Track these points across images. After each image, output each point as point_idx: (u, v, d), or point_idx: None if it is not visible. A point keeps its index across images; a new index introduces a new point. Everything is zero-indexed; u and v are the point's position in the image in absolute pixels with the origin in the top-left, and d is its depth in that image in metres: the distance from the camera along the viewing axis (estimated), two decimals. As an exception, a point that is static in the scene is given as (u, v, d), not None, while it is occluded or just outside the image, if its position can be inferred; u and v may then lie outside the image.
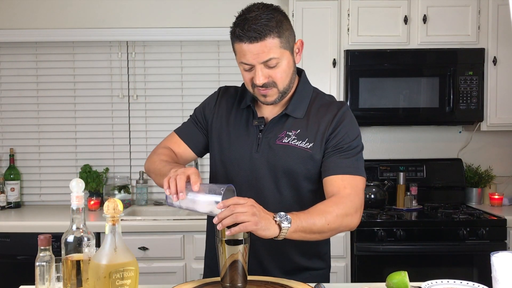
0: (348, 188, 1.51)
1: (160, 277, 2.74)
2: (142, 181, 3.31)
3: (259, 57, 1.49)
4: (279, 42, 1.50)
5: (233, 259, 1.34)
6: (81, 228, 1.31)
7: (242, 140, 1.63)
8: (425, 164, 3.34)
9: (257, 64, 1.50)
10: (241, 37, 1.48)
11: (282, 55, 1.52)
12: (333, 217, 1.43)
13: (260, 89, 1.54)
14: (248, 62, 1.51)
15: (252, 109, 1.65)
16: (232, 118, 1.67)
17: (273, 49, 1.49)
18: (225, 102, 1.72)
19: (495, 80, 3.08)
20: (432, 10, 3.06)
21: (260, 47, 1.48)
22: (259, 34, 1.47)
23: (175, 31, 3.33)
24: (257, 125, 1.63)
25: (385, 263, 2.74)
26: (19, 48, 3.37)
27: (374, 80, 3.06)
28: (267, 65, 1.50)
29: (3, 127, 3.41)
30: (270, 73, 1.52)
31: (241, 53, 1.51)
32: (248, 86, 1.58)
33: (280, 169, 1.59)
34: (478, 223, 2.79)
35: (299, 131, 1.59)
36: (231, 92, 1.75)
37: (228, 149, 1.64)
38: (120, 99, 3.40)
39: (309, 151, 1.57)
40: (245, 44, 1.48)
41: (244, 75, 1.57)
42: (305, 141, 1.58)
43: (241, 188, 1.59)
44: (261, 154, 1.60)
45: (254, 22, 1.47)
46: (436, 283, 1.43)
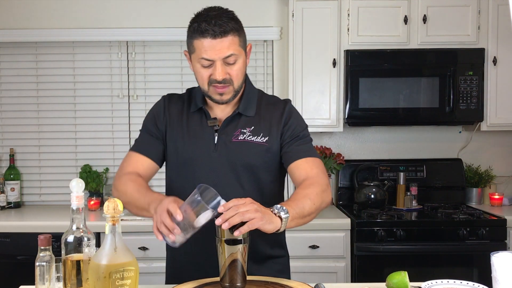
0: (314, 168, 1.63)
1: (160, 277, 2.74)
2: (142, 181, 3.31)
3: (220, 53, 1.55)
4: (238, 41, 1.59)
5: (233, 259, 1.35)
6: (81, 228, 1.31)
7: (198, 141, 1.67)
8: (425, 164, 3.34)
9: (218, 60, 1.56)
10: (205, 32, 1.54)
11: (240, 53, 1.60)
12: (314, 196, 1.52)
13: (218, 87, 1.59)
14: (210, 57, 1.56)
15: (204, 110, 1.70)
16: (185, 122, 1.71)
17: (233, 46, 1.57)
18: (173, 108, 1.76)
19: (495, 80, 3.08)
20: (432, 10, 3.06)
21: (222, 42, 1.55)
22: (223, 30, 1.54)
23: (175, 31, 3.33)
24: (212, 126, 1.68)
25: (385, 263, 2.74)
26: (19, 48, 3.37)
27: (374, 80, 3.06)
28: (226, 61, 1.57)
29: (3, 127, 3.41)
30: (228, 69, 1.59)
31: (202, 49, 1.56)
32: (204, 84, 1.62)
33: (239, 164, 1.65)
34: (478, 223, 2.79)
35: (253, 128, 1.67)
36: (176, 98, 1.80)
37: (185, 151, 1.68)
38: (120, 99, 3.40)
39: (266, 145, 1.66)
40: (208, 39, 1.54)
41: (201, 72, 1.60)
42: (260, 136, 1.66)
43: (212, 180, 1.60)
44: (219, 152, 1.65)
45: (218, 19, 1.55)
46: (436, 283, 1.43)
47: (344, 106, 3.08)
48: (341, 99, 3.09)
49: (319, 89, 3.07)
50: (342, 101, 3.09)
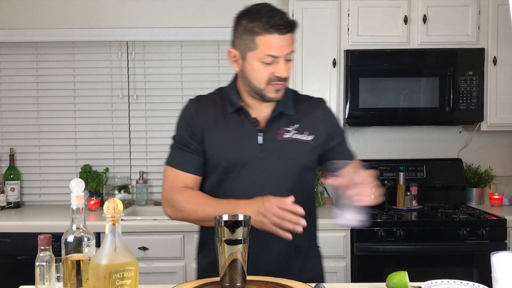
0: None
1: (160, 277, 2.74)
2: (142, 181, 3.31)
3: (285, 49, 1.54)
4: (294, 42, 1.60)
5: (233, 259, 1.34)
6: (81, 228, 1.31)
7: (242, 143, 1.63)
8: (425, 164, 3.34)
9: (282, 57, 1.54)
10: (277, 27, 1.51)
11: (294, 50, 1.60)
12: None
13: (277, 84, 1.58)
14: (276, 54, 1.53)
15: (244, 110, 1.66)
16: (222, 124, 1.65)
17: (293, 42, 1.58)
18: (206, 110, 1.67)
19: (495, 80, 3.08)
20: (432, 10, 3.06)
21: (286, 39, 1.54)
22: (290, 26, 1.53)
23: (175, 31, 3.33)
24: (255, 126, 1.64)
25: (385, 263, 2.74)
26: (19, 48, 3.37)
27: (374, 80, 3.06)
28: (287, 58, 1.56)
29: (3, 127, 3.41)
30: (286, 67, 1.58)
31: (268, 45, 1.52)
32: (261, 82, 1.58)
33: (287, 163, 1.63)
34: (478, 223, 2.79)
35: (297, 126, 1.66)
36: (206, 99, 1.72)
37: (230, 154, 1.62)
38: (120, 99, 3.40)
39: (312, 143, 1.66)
40: (276, 35, 1.52)
41: (261, 70, 1.56)
42: (305, 133, 1.65)
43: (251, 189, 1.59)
44: (265, 153, 1.62)
45: (282, 15, 1.53)
46: (436, 283, 1.43)
47: (344, 106, 3.08)
48: (341, 99, 3.09)
49: (319, 89, 3.07)
50: (342, 101, 3.09)
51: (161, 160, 3.67)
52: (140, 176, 3.33)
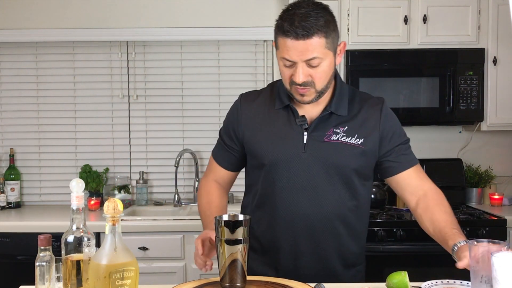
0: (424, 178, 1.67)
1: (160, 277, 2.74)
2: (142, 181, 3.31)
3: (302, 55, 1.48)
4: (325, 42, 1.49)
5: (233, 259, 1.34)
6: (81, 228, 1.31)
7: (286, 142, 1.61)
8: (425, 164, 3.33)
9: (300, 62, 1.49)
10: (287, 32, 1.46)
11: (326, 56, 1.51)
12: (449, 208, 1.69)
13: (298, 88, 1.53)
14: (291, 58, 1.49)
15: (291, 108, 1.63)
16: (269, 121, 1.64)
17: (318, 48, 1.48)
18: (252, 107, 1.68)
19: (495, 80, 3.08)
20: (432, 10, 3.06)
21: (305, 45, 1.46)
22: (307, 32, 1.45)
23: (175, 31, 3.33)
24: (301, 124, 1.61)
25: (385, 263, 2.73)
26: (19, 48, 3.37)
27: (374, 80, 3.06)
28: (309, 63, 1.49)
29: (3, 127, 3.41)
30: (311, 72, 1.51)
31: (284, 48, 1.49)
32: (285, 82, 1.57)
33: (332, 166, 1.59)
34: (478, 223, 2.79)
35: (346, 128, 1.60)
36: (254, 95, 1.72)
37: (272, 153, 1.61)
38: (120, 99, 3.40)
39: (361, 147, 1.60)
40: (290, 40, 1.47)
41: (283, 71, 1.55)
42: (355, 137, 1.59)
43: (294, 189, 1.59)
44: (309, 153, 1.59)
45: (303, 19, 1.46)
46: (436, 283, 1.43)
47: (344, 106, 3.08)
48: (341, 99, 3.09)
49: (319, 89, 3.07)
50: (342, 101, 3.09)
51: (161, 160, 3.70)
52: (140, 176, 3.32)
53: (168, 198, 3.37)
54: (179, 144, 3.39)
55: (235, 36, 3.30)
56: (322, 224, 1.61)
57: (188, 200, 3.37)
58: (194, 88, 3.39)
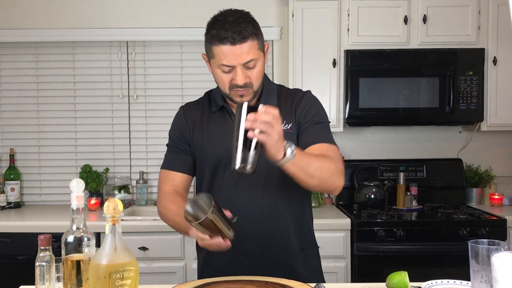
0: (329, 152, 1.62)
1: (160, 277, 2.74)
2: (142, 181, 3.31)
3: (240, 58, 1.56)
4: (257, 44, 1.59)
5: None
6: (81, 228, 1.31)
7: (226, 140, 1.65)
8: (425, 164, 3.34)
9: (238, 65, 1.56)
10: (225, 39, 1.54)
11: (259, 57, 1.61)
12: (326, 165, 1.52)
13: (238, 90, 1.60)
14: (230, 63, 1.56)
15: (226, 108, 1.72)
16: (207, 124, 1.73)
17: (252, 50, 1.57)
18: (193, 114, 1.78)
19: (495, 80, 3.08)
20: (432, 10, 3.06)
21: (241, 49, 1.55)
22: (242, 37, 1.54)
23: (175, 31, 3.33)
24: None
25: (385, 263, 2.73)
26: (19, 48, 3.37)
27: (374, 80, 3.06)
28: (246, 66, 1.58)
29: (3, 127, 3.41)
30: (248, 73, 1.59)
31: (222, 55, 1.56)
32: (225, 88, 1.63)
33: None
34: (478, 223, 2.79)
35: None
36: (193, 104, 1.84)
37: (213, 153, 1.69)
38: (120, 99, 3.40)
39: (291, 131, 1.67)
40: (227, 46, 1.55)
41: (222, 77, 1.61)
42: (284, 123, 1.64)
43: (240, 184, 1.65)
44: None
45: (235, 26, 1.55)
46: (436, 283, 1.43)
47: (344, 106, 3.08)
48: (341, 99, 3.09)
49: (319, 89, 3.07)
50: (342, 101, 3.09)
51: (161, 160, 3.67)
52: (140, 176, 3.33)
53: (168, 198, 3.37)
54: (179, 144, 3.38)
55: (235, 36, 3.29)
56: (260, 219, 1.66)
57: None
58: (194, 88, 3.39)
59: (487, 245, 1.23)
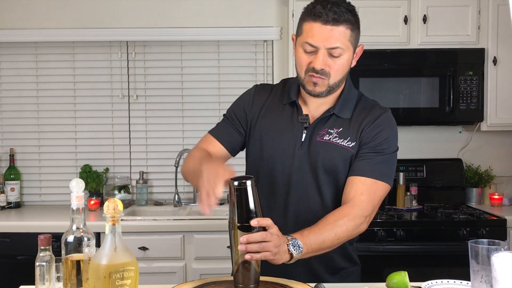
0: (364, 194, 1.53)
1: (160, 277, 2.74)
2: (142, 181, 3.31)
3: (327, 42, 1.47)
4: (349, 35, 1.50)
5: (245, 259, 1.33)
6: (81, 228, 1.31)
7: (286, 136, 1.61)
8: (425, 164, 3.34)
9: (322, 48, 1.48)
10: (319, 14, 1.45)
11: (347, 49, 1.51)
12: (342, 230, 1.46)
13: (314, 76, 1.51)
14: (315, 43, 1.48)
15: (297, 105, 1.63)
16: (275, 114, 1.64)
17: (342, 39, 1.48)
18: (263, 98, 1.68)
19: (495, 80, 3.08)
20: (432, 10, 3.06)
21: (331, 32, 1.46)
22: (337, 17, 1.45)
23: (175, 31, 3.33)
24: (302, 122, 1.61)
25: (385, 263, 2.73)
26: (19, 48, 3.37)
27: (374, 80, 3.06)
28: (330, 52, 1.49)
29: (3, 127, 3.41)
30: (330, 62, 1.50)
31: (310, 32, 1.48)
32: (301, 70, 1.54)
33: (320, 166, 1.58)
34: (478, 223, 2.79)
35: (341, 130, 1.59)
36: (268, 88, 1.72)
37: (271, 144, 1.62)
38: (120, 99, 3.40)
39: (351, 150, 1.58)
40: (318, 24, 1.46)
41: (301, 57, 1.52)
42: (347, 140, 1.58)
43: (283, 184, 1.59)
44: (303, 151, 1.60)
45: (336, 5, 1.46)
46: (436, 283, 1.43)
47: (344, 106, 3.08)
48: (341, 99, 3.09)
49: (319, 89, 3.07)
50: (342, 101, 3.09)
51: (161, 160, 3.69)
52: (140, 176, 3.32)
53: (168, 198, 3.37)
54: (179, 144, 3.39)
55: (235, 36, 3.30)
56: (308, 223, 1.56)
57: (188, 200, 3.37)
58: (194, 88, 3.39)
59: (487, 245, 1.23)
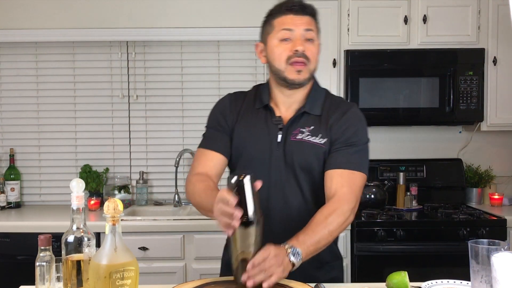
0: (345, 186, 1.57)
1: (160, 277, 2.74)
2: (142, 181, 3.31)
3: (301, 25, 1.60)
4: (316, 27, 1.65)
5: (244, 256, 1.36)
6: (81, 228, 1.31)
7: (262, 139, 1.66)
8: (425, 164, 3.34)
9: (298, 30, 1.60)
10: (288, 10, 1.60)
11: (317, 35, 1.65)
12: (334, 226, 1.51)
13: (297, 61, 1.60)
14: (291, 27, 1.60)
15: (269, 108, 1.69)
16: (249, 118, 1.70)
17: (312, 25, 1.63)
18: (238, 104, 1.74)
19: (495, 80, 3.08)
20: (432, 10, 3.06)
21: (303, 19, 1.61)
22: (306, 9, 1.62)
23: (175, 31, 3.33)
24: (276, 124, 1.67)
25: (385, 263, 2.74)
26: (19, 48, 3.37)
27: (374, 80, 3.06)
28: (305, 35, 1.60)
29: (3, 127, 3.41)
30: (307, 45, 1.60)
31: (284, 22, 1.61)
32: (280, 61, 1.62)
33: (296, 164, 1.63)
34: (478, 223, 2.79)
35: (312, 128, 1.64)
36: (240, 95, 1.78)
37: (249, 149, 1.67)
38: (120, 99, 3.40)
39: (323, 147, 1.63)
40: (290, 16, 1.61)
41: (278, 49, 1.62)
42: (319, 137, 1.63)
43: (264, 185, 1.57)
44: (280, 151, 1.64)
45: (300, 2, 1.64)
46: (436, 283, 1.43)
47: (344, 106, 3.08)
48: (341, 99, 3.09)
49: (319, 89, 3.07)
50: (342, 101, 3.09)
51: (161, 160, 3.69)
52: (140, 176, 3.32)
53: (168, 198, 3.37)
54: (179, 144, 3.39)
55: (235, 36, 3.30)
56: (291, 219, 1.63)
57: (188, 200, 3.37)
58: (194, 88, 3.39)
59: (487, 245, 1.23)
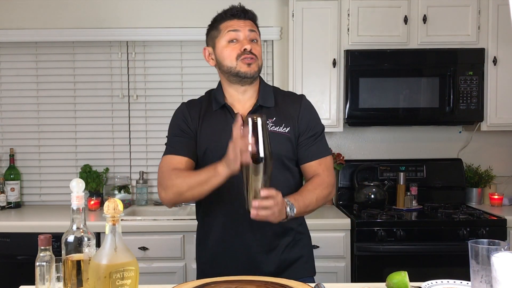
0: (325, 170, 1.79)
1: (160, 277, 2.74)
2: (142, 181, 3.31)
3: (245, 27, 1.76)
4: (258, 31, 1.81)
5: None
6: (81, 228, 1.31)
7: (226, 139, 1.66)
8: (425, 164, 3.34)
9: (243, 31, 1.75)
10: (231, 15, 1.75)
11: (259, 38, 1.81)
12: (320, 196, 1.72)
13: (247, 57, 1.73)
14: (237, 28, 1.74)
15: (227, 107, 1.79)
16: (211, 120, 1.79)
17: (255, 28, 1.80)
18: (195, 111, 1.83)
19: (495, 80, 3.08)
20: (432, 10, 3.06)
21: (246, 22, 1.77)
22: (248, 14, 1.78)
23: (175, 31, 3.33)
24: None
25: (385, 263, 2.74)
26: (19, 48, 3.37)
27: (374, 80, 3.06)
28: (249, 36, 1.76)
29: (3, 127, 3.41)
30: (252, 45, 1.75)
31: (230, 25, 1.75)
32: (232, 59, 1.74)
33: None
34: (478, 223, 2.79)
35: (274, 119, 1.78)
36: (195, 102, 1.88)
37: (215, 150, 1.72)
38: (120, 99, 3.40)
39: (288, 135, 1.78)
40: (235, 20, 1.76)
41: (228, 49, 1.75)
42: (282, 126, 1.77)
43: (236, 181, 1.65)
44: None
45: (242, 8, 1.79)
46: (436, 283, 1.43)
47: (344, 106, 3.08)
48: (341, 99, 3.09)
49: (319, 89, 3.07)
50: (342, 101, 3.09)
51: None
52: (140, 176, 3.33)
53: (168, 198, 3.37)
54: (179, 144, 3.38)
55: (235, 36, 3.30)
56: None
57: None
58: (194, 88, 3.39)
59: (487, 245, 1.23)
